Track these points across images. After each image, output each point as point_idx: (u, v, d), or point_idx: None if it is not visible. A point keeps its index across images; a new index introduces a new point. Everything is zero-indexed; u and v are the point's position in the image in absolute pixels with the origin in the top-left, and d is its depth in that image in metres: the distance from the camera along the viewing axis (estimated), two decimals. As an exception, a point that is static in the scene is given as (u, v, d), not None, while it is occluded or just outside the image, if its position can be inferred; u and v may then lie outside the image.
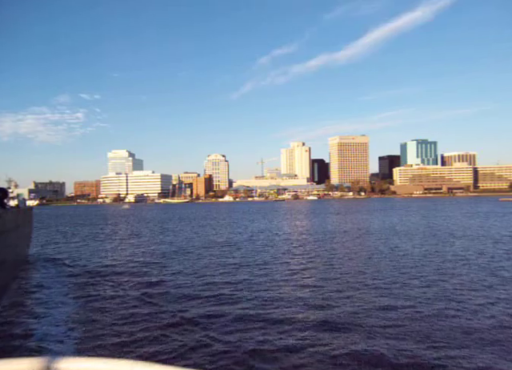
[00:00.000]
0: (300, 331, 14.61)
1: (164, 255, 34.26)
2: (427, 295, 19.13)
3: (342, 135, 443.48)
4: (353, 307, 17.25)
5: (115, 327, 15.19)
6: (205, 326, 15.32)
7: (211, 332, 14.59)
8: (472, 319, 15.49)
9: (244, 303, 18.28)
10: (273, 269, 26.70)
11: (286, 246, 38.70)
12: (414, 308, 16.94)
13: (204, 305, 18.23)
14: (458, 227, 53.96)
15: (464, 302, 17.82)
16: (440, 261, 28.15)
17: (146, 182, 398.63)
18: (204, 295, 19.87)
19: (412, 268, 25.65)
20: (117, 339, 14.02)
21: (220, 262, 29.94)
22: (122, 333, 14.55)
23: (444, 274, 23.82)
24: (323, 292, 20.00)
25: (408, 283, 21.47)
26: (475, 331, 14.06)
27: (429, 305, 17.34)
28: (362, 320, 15.52)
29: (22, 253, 29.95)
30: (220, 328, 15.03)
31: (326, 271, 25.44)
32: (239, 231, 57.33)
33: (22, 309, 18.28)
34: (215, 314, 16.78)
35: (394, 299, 18.56)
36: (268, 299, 19.03)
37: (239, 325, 15.35)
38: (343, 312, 16.58)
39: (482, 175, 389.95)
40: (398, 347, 12.90)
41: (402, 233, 47.99)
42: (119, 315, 16.88)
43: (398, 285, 21.17)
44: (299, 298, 19.06)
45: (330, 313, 16.56)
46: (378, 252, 32.95)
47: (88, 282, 23.70)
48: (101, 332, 14.69)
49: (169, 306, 18.11)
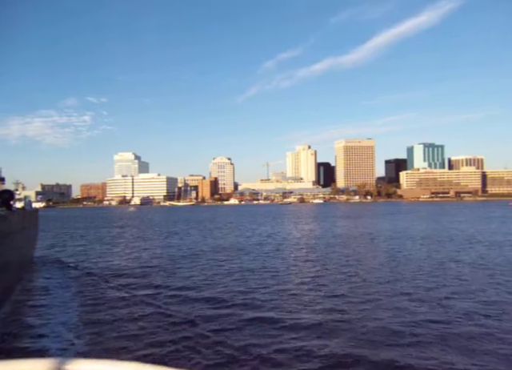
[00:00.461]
0: (316, 338, 13.49)
1: (171, 259, 33.42)
2: (467, 308, 17.80)
3: (348, 139, 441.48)
4: (373, 321, 16.00)
5: (120, 330, 15.02)
6: (215, 331, 14.84)
7: (220, 337, 14.16)
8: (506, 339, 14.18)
9: (259, 309, 17.18)
10: (285, 276, 25.49)
11: (297, 251, 37.48)
12: (450, 324, 15.66)
13: (213, 309, 17.83)
14: (479, 233, 52.16)
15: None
16: (469, 270, 26.75)
17: (151, 185, 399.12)
18: (213, 300, 19.39)
19: (439, 278, 24.31)
20: (122, 341, 13.83)
21: (231, 268, 28.79)
22: (127, 335, 14.38)
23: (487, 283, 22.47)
24: (343, 300, 18.77)
25: (446, 296, 19.99)
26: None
27: (467, 319, 16.04)
28: (382, 334, 14.28)
29: (27, 255, 29.79)
30: (231, 333, 14.57)
31: (343, 279, 24.17)
32: (248, 234, 56.18)
33: (27, 310, 18.26)
34: (225, 318, 16.25)
35: (429, 311, 17.26)
36: (282, 305, 17.89)
37: (251, 330, 14.85)
38: (371, 326, 15.34)
39: (490, 180, 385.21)
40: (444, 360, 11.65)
41: (418, 238, 46.55)
42: (124, 317, 16.65)
43: (436, 297, 19.84)
44: (314, 303, 17.90)
45: (352, 326, 15.32)
46: (396, 259, 31.59)
47: (93, 284, 23.44)
48: (105, 334, 14.54)
49: (176, 309, 17.75)
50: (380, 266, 28.22)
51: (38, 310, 18.13)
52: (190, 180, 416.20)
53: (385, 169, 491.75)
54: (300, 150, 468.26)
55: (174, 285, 22.79)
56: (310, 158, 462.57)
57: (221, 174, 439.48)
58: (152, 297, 19.97)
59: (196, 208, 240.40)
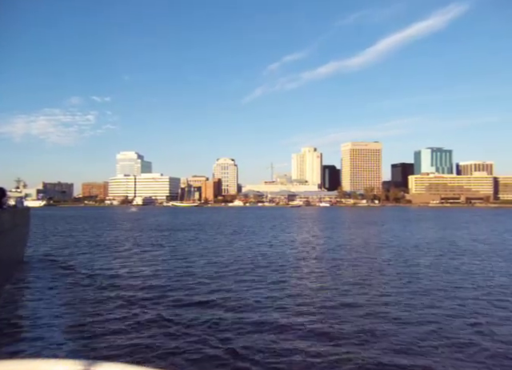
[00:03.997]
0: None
1: (167, 262, 30.93)
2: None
3: (354, 142, 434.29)
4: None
5: (111, 331, 14.35)
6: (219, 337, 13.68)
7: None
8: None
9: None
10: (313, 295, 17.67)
11: (327, 264, 29.55)
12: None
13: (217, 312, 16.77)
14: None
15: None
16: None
17: (154, 185, 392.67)
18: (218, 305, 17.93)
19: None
20: (111, 343, 13.12)
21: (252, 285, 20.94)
22: (116, 338, 13.63)
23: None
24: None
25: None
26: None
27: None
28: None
29: (18, 254, 29.78)
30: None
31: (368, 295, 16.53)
32: (265, 240, 48.17)
33: (14, 310, 17.84)
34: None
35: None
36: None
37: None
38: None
39: (502, 186, 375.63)
40: None
41: (446, 250, 38.75)
42: (115, 318, 15.91)
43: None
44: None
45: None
46: (429, 273, 24.36)
47: (83, 284, 22.80)
48: (93, 335, 13.93)
49: (164, 309, 17.10)
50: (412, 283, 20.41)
51: (24, 309, 17.79)
52: (193, 181, 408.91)
53: (391, 173, 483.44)
54: (305, 152, 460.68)
55: (170, 289, 21.53)
56: (315, 160, 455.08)
57: (224, 175, 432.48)
58: (146, 299, 19.06)
59: (200, 209, 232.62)
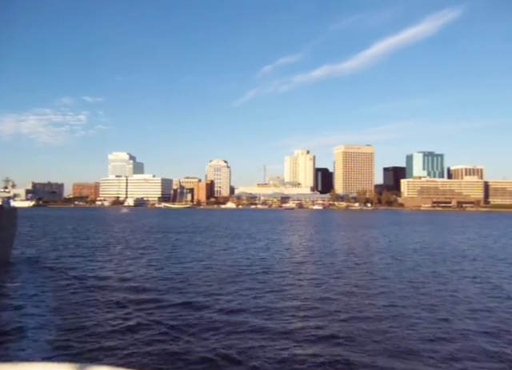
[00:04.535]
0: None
1: (158, 265, 30.43)
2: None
3: (347, 145, 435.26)
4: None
5: (98, 334, 14.16)
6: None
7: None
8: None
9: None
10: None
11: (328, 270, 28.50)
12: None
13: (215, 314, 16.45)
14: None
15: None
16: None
17: (146, 186, 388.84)
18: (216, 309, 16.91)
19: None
20: (99, 345, 13.07)
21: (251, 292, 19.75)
22: (103, 340, 13.52)
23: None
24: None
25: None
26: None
27: None
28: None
29: (4, 254, 29.51)
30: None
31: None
32: (261, 244, 47.03)
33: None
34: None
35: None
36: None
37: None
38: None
39: (492, 190, 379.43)
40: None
41: (448, 255, 37.86)
42: (103, 320, 15.71)
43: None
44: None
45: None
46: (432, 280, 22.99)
47: (70, 286, 22.49)
48: (81, 338, 13.76)
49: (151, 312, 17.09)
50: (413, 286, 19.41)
51: (8, 311, 17.45)
52: (186, 182, 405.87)
53: (383, 176, 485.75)
54: (298, 155, 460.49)
55: (154, 288, 21.94)
56: (308, 163, 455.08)
57: (217, 177, 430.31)
58: (132, 301, 18.95)
59: (193, 211, 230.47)
